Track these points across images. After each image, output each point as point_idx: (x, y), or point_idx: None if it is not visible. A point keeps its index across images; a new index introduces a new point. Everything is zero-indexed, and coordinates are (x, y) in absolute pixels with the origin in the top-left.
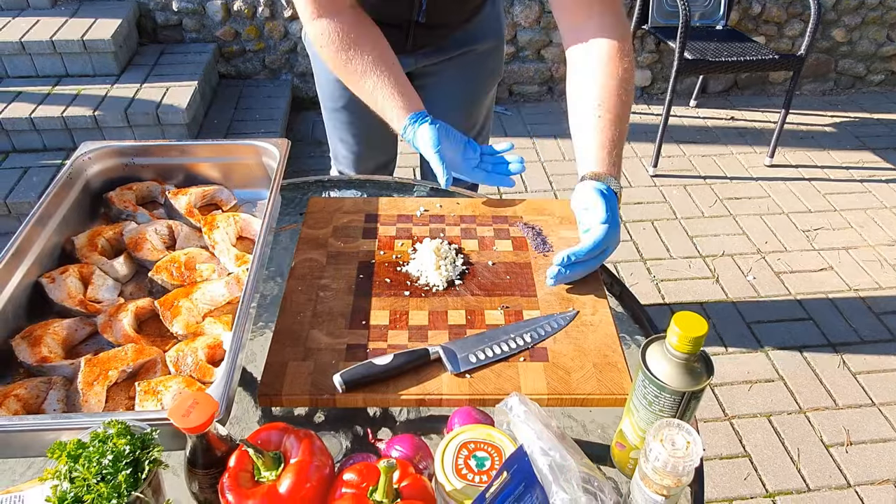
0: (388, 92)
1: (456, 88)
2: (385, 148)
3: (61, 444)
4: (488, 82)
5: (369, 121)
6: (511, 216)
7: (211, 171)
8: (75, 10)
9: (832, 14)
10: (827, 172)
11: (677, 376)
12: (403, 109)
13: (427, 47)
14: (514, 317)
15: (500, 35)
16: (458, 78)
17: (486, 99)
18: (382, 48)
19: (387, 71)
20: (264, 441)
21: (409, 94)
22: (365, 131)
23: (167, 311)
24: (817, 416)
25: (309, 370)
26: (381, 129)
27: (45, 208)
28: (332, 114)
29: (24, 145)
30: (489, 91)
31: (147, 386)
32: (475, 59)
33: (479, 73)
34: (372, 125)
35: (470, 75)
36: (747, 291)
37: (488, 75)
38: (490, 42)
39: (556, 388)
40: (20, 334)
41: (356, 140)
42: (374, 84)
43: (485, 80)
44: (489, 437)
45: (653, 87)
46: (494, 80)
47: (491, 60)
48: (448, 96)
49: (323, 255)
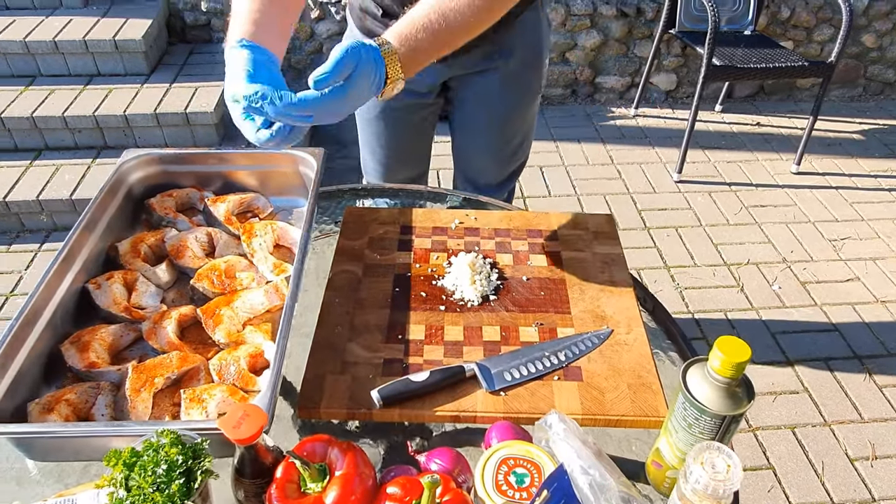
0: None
1: (491, 103)
2: (416, 161)
3: (117, 452)
4: (527, 98)
5: (402, 132)
6: (545, 230)
7: (248, 178)
8: (106, 9)
9: (862, 19)
10: (854, 181)
11: (718, 400)
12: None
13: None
14: (549, 334)
15: (540, 48)
16: (494, 90)
17: (527, 114)
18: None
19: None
20: (309, 452)
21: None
22: (396, 143)
23: (209, 319)
24: (842, 429)
25: (347, 384)
26: (413, 141)
27: (92, 215)
28: (365, 123)
29: (57, 143)
30: (529, 107)
31: (192, 394)
32: (512, 73)
33: (516, 88)
34: (404, 137)
35: (506, 90)
36: (772, 301)
37: (526, 91)
38: (528, 55)
39: (590, 409)
40: (69, 339)
41: (387, 152)
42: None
43: (522, 96)
44: (528, 453)
45: (678, 91)
46: (533, 97)
47: (530, 74)
48: (483, 111)
49: (359, 267)
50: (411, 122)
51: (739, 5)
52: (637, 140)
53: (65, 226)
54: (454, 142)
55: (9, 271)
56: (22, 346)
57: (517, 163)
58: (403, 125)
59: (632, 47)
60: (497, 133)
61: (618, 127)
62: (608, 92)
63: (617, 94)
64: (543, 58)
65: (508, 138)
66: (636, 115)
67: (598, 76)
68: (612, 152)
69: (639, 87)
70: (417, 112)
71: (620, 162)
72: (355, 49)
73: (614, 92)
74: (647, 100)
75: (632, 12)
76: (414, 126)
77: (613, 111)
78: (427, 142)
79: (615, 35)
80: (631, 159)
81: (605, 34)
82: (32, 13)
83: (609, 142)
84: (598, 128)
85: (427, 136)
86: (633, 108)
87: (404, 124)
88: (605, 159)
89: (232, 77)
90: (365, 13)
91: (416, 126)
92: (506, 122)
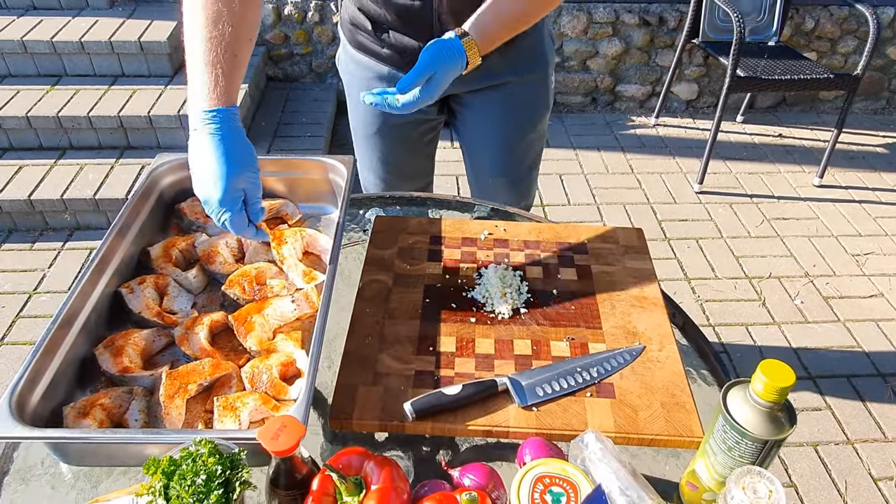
0: (211, 62)
1: (496, 121)
2: (417, 176)
3: (155, 460)
4: (533, 116)
5: (401, 149)
6: (575, 242)
7: (277, 184)
8: (132, 11)
9: (888, 31)
10: (878, 195)
11: (760, 424)
12: (213, 94)
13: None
14: (580, 349)
15: (545, 64)
16: (497, 110)
17: (533, 133)
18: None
19: (230, 48)
20: (345, 465)
21: (231, 83)
22: (395, 158)
23: (241, 326)
24: (865, 448)
25: (379, 395)
26: (413, 157)
27: (125, 219)
28: (363, 140)
29: (81, 143)
30: (536, 125)
31: (225, 402)
32: (517, 91)
33: (521, 106)
34: (403, 153)
35: (511, 107)
36: (794, 316)
37: (532, 108)
38: (533, 72)
39: (623, 427)
40: (103, 344)
41: (386, 167)
42: (205, 48)
43: (527, 114)
44: (564, 472)
45: (699, 101)
46: (541, 114)
47: (535, 92)
48: (487, 129)
49: (389, 277)
50: (410, 139)
51: (764, 16)
52: (657, 149)
53: (87, 225)
54: (465, 162)
55: (32, 269)
56: (58, 350)
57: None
58: (402, 142)
59: (653, 56)
60: (506, 153)
61: (638, 136)
62: (629, 100)
63: (637, 102)
64: (548, 74)
65: (517, 160)
66: (656, 125)
67: (618, 84)
68: (632, 161)
69: (660, 97)
70: (416, 128)
71: (640, 171)
72: (435, 52)
73: (635, 101)
74: (667, 109)
75: (654, 21)
76: (413, 142)
77: (634, 120)
78: (428, 157)
79: (637, 43)
80: (651, 169)
81: (626, 42)
82: (59, 13)
83: (629, 151)
84: (618, 136)
85: (427, 152)
86: (653, 117)
87: (403, 141)
88: (625, 168)
89: (208, 178)
90: (356, 28)
91: (416, 142)
92: (514, 139)
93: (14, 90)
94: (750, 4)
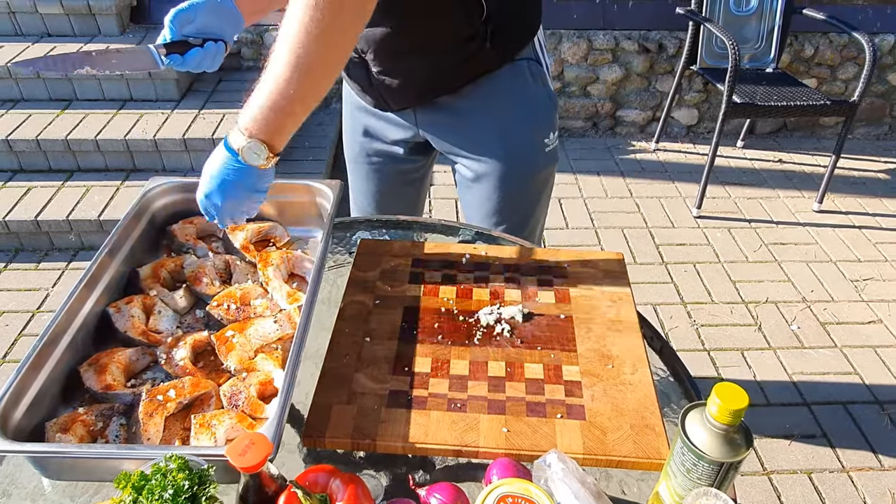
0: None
1: (475, 190)
2: (408, 203)
3: (126, 474)
4: (512, 186)
5: (382, 180)
6: (555, 266)
7: (266, 207)
8: (142, 37)
9: (888, 58)
10: (878, 220)
11: (716, 446)
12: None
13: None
14: (554, 371)
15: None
16: (476, 180)
17: (532, 196)
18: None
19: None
20: (311, 482)
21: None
22: (377, 188)
23: (222, 345)
24: (861, 477)
25: (352, 414)
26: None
27: (116, 240)
28: (351, 162)
29: (88, 165)
30: (536, 190)
31: (202, 419)
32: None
33: (497, 178)
34: (395, 179)
35: (484, 182)
36: (791, 341)
37: (521, 176)
38: (509, 123)
39: (591, 448)
40: (87, 361)
41: (379, 194)
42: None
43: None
44: (527, 491)
45: (699, 126)
46: (525, 181)
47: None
48: (471, 191)
49: (370, 299)
50: (389, 174)
51: (761, 43)
52: (657, 174)
53: (91, 245)
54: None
55: (36, 288)
56: (44, 366)
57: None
58: (384, 174)
59: (653, 82)
60: (493, 214)
61: (638, 160)
62: (629, 125)
63: (638, 127)
64: (532, 130)
65: (507, 216)
66: (656, 150)
67: (619, 109)
68: (631, 186)
69: (660, 122)
70: (397, 165)
71: (639, 195)
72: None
73: (635, 125)
74: (667, 134)
75: (654, 48)
76: (392, 177)
77: (634, 145)
78: (415, 192)
79: (637, 70)
80: (650, 193)
81: (626, 68)
82: (72, 40)
83: (629, 175)
84: (618, 161)
85: (415, 187)
86: (653, 142)
87: (385, 173)
88: (625, 192)
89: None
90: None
91: (399, 177)
92: (498, 204)
93: (26, 114)
94: (748, 32)
